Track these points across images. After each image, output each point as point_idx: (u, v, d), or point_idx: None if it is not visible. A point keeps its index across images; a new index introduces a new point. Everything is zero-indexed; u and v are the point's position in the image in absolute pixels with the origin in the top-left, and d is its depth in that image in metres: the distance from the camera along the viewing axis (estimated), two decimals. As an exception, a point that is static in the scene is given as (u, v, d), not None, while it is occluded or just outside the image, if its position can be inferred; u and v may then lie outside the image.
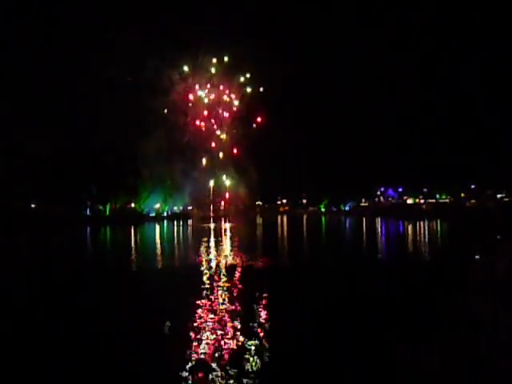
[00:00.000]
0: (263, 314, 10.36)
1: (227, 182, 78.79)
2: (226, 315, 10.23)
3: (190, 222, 77.79)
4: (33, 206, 70.18)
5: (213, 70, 76.69)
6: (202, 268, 16.78)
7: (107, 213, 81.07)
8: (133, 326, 9.64)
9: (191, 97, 77.05)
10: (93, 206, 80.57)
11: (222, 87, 77.92)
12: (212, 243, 30.39)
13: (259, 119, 76.31)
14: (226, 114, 78.83)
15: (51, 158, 71.75)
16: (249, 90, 76.80)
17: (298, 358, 7.47)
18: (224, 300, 11.88)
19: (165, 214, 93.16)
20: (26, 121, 71.07)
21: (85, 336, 8.94)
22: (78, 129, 78.70)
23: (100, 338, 8.81)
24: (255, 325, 9.34)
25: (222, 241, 32.88)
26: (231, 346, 8.00)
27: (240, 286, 13.78)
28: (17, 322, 10.14)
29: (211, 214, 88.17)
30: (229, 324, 9.48)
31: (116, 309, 11.41)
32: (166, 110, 73.48)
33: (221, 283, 14.27)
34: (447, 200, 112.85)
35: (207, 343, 8.17)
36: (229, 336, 8.59)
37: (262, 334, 8.70)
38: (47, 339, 8.80)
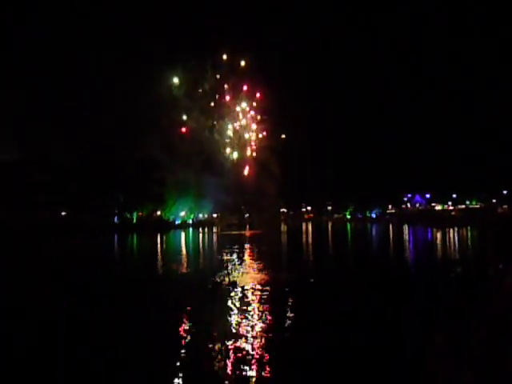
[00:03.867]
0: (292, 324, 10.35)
1: (252, 189, 78.97)
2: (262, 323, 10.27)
3: (215, 229, 78.27)
4: (63, 213, 72.45)
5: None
6: (240, 285, 16.30)
7: (134, 220, 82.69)
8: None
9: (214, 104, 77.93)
10: (120, 214, 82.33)
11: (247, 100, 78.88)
12: (240, 253, 30.25)
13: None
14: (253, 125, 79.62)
15: (79, 169, 74.14)
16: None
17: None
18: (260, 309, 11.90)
19: (190, 222, 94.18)
20: (51, 133, 74.64)
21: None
22: (103, 139, 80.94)
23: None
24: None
25: (248, 250, 32.89)
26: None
27: (268, 305, 13.67)
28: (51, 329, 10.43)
29: (236, 222, 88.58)
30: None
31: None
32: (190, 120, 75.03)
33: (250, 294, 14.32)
34: (478, 206, 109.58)
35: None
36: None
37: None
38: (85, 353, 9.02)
